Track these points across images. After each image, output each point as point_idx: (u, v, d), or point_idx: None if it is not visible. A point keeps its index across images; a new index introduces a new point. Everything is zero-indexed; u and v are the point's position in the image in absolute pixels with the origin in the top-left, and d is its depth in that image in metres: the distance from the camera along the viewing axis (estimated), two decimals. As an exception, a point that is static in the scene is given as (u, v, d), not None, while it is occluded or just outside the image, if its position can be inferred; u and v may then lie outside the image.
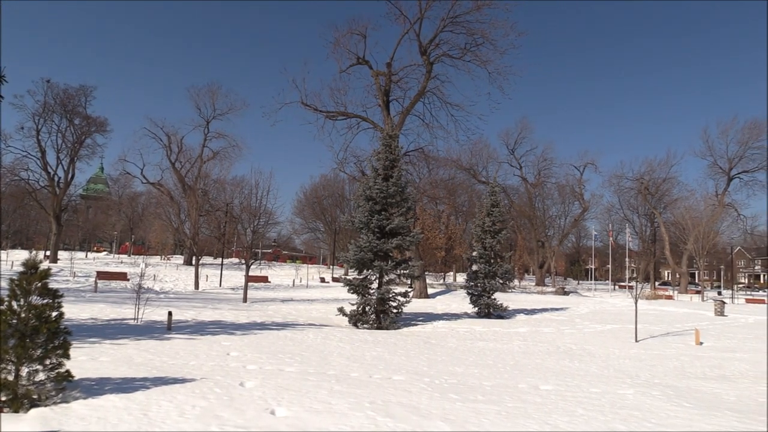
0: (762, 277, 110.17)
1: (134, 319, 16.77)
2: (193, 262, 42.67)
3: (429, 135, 52.11)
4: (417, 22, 36.07)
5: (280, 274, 60.35)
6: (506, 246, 35.38)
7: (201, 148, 68.74)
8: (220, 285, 41.71)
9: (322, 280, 55.37)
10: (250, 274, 31.41)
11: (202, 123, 68.68)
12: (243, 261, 30.93)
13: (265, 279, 47.52)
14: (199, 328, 15.76)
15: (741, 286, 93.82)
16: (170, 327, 15.18)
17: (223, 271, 46.66)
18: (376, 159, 21.81)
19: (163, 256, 79.00)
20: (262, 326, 17.38)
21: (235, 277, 47.35)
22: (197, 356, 10.85)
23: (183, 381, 8.27)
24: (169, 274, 47.85)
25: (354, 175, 43.51)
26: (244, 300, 28.16)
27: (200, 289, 37.54)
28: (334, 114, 38.28)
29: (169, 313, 15.73)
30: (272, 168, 70.28)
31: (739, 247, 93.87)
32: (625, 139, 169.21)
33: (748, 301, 54.94)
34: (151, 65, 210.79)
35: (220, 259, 55.04)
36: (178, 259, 73.73)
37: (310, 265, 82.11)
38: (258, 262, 39.17)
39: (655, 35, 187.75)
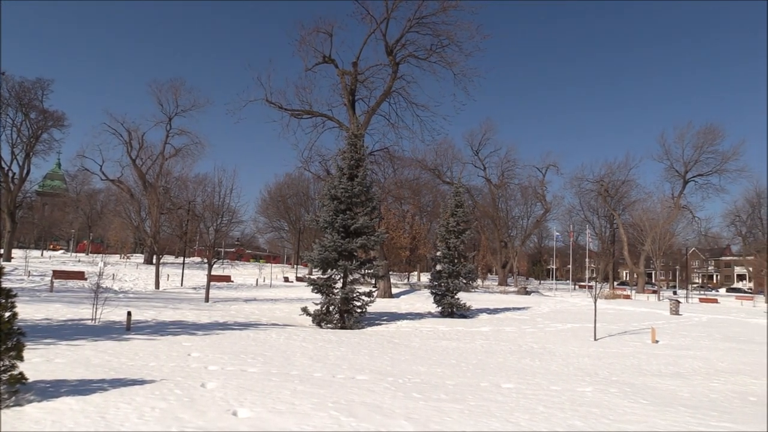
0: (715, 277, 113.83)
1: (92, 319, 16.35)
2: (154, 261, 41.89)
3: (394, 135, 52.27)
4: (383, 22, 36.12)
5: (244, 273, 59.69)
6: (470, 246, 35.77)
7: (163, 145, 67.50)
8: (182, 284, 41.03)
9: (286, 279, 54.97)
10: (213, 273, 31.00)
11: (164, 119, 67.45)
12: (205, 260, 30.56)
13: (227, 278, 46.94)
14: (160, 329, 15.47)
15: (695, 286, 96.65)
16: (129, 327, 14.86)
17: (185, 271, 45.91)
18: (341, 158, 21.76)
19: (122, 255, 77.27)
20: (225, 326, 17.17)
21: (197, 276, 46.64)
22: (157, 357, 10.65)
23: (142, 382, 8.11)
24: (128, 273, 46.82)
25: (319, 174, 43.39)
26: (206, 300, 27.76)
27: (161, 289, 36.84)
28: (299, 112, 38.04)
29: (129, 314, 15.40)
30: (236, 166, 69.52)
31: (693, 248, 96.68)
32: (587, 142, 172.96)
33: (701, 300, 56.72)
34: (112, 60, 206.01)
35: (182, 258, 54.12)
36: (138, 258, 72.21)
37: (273, 265, 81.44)
38: (221, 261, 38.71)
39: (616, 41, 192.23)
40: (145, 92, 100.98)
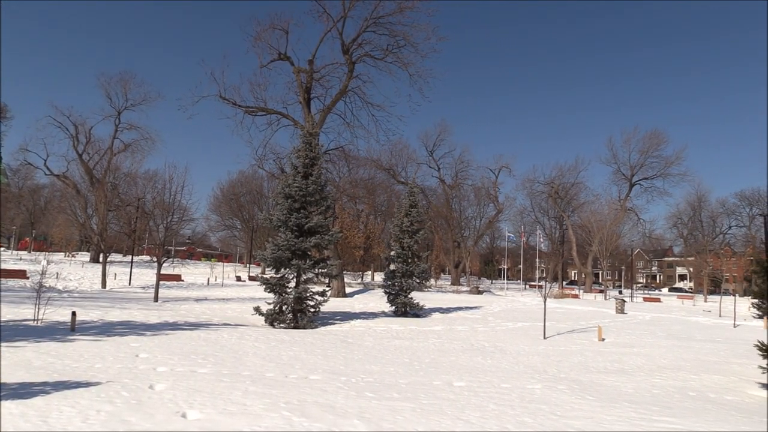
0: (658, 277, 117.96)
1: (34, 320, 15.74)
2: (101, 259, 40.61)
3: (350, 134, 52.46)
4: (340, 21, 36.06)
5: (195, 272, 58.51)
6: (423, 246, 36.02)
7: (111, 140, 65.37)
8: (130, 284, 39.90)
9: (239, 278, 54.17)
10: (163, 272, 30.28)
11: (113, 113, 65.33)
12: (155, 259, 29.76)
13: (178, 277, 45.95)
14: (106, 329, 15.02)
15: (639, 285, 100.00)
16: (74, 328, 14.38)
17: (133, 269, 44.66)
18: (295, 156, 21.59)
19: (67, 253, 74.62)
20: (174, 326, 16.80)
21: (146, 275, 45.47)
22: (103, 359, 10.34)
23: (87, 385, 7.86)
24: (73, 272, 45.23)
25: (273, 172, 42.95)
26: (156, 299, 27.10)
27: (108, 288, 35.74)
28: (254, 109, 37.58)
29: (73, 314, 14.91)
30: (188, 162, 67.88)
31: (638, 249, 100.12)
32: (538, 145, 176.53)
33: (645, 299, 58.76)
34: (58, 52, 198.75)
35: (130, 256, 52.66)
36: (84, 256, 69.84)
37: (225, 264, 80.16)
38: (171, 259, 37.85)
39: (566, 48, 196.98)
40: (93, 85, 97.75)
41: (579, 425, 7.16)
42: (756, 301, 14.25)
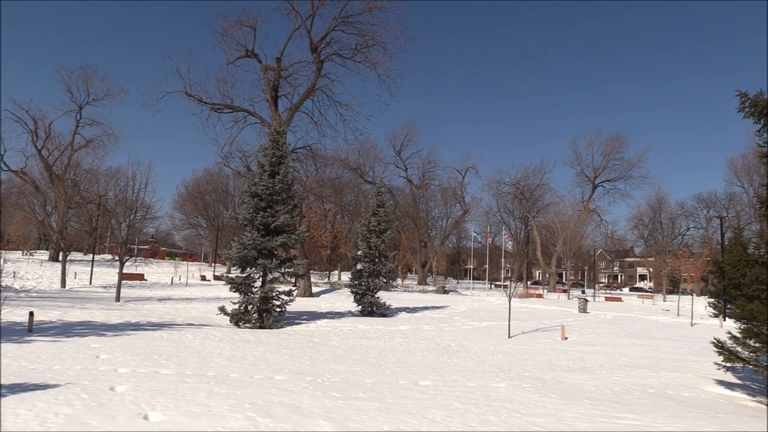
0: (619, 277, 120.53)
1: (-12, 320, 15.26)
2: (60, 258, 39.57)
3: (317, 133, 52.21)
4: (309, 19, 35.84)
5: (158, 271, 57.47)
6: (390, 245, 36.13)
7: (72, 135, 63.63)
8: (91, 283, 38.99)
9: (203, 278, 53.42)
10: (125, 271, 29.70)
11: (74, 108, 63.61)
12: (117, 257, 29.13)
13: (141, 277, 45.07)
14: (66, 330, 14.65)
15: (601, 285, 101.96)
16: (32, 329, 13.99)
17: (95, 268, 43.64)
18: (262, 155, 21.40)
19: (25, 252, 72.51)
20: (137, 327, 16.49)
21: (107, 274, 44.47)
22: (62, 360, 10.09)
23: (45, 387, 7.66)
24: (31, 270, 43.97)
25: (239, 170, 42.47)
26: (117, 299, 26.53)
27: (68, 288, 34.84)
28: (220, 106, 37.09)
29: (31, 314, 14.49)
30: (151, 159, 66.58)
31: (600, 250, 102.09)
32: (504, 146, 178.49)
33: (607, 299, 59.98)
34: (17, 44, 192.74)
35: (91, 255, 51.47)
36: (43, 254, 67.92)
37: (190, 263, 78.98)
38: (133, 258, 37.04)
39: (532, 48, 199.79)
40: (54, 79, 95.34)
41: (542, 423, 7.28)
42: (712, 300, 14.66)
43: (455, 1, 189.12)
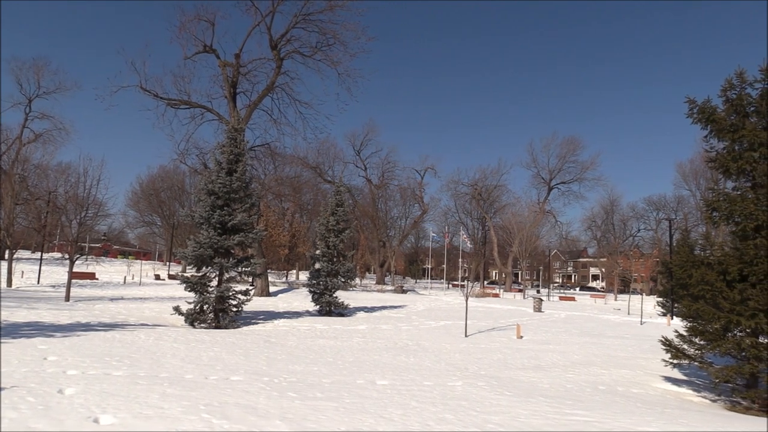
0: (573, 277, 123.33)
1: (-72, 320, 14.60)
2: (6, 256, 38.14)
3: (276, 131, 51.80)
4: (269, 16, 35.55)
5: (110, 270, 56.01)
6: (349, 245, 36.04)
7: (21, 129, 61.38)
8: (39, 282, 37.73)
9: (157, 277, 52.31)
10: (75, 270, 28.82)
11: (24, 101, 61.45)
12: (66, 256, 28.26)
13: (92, 276, 43.86)
14: (11, 331, 14.12)
15: (556, 285, 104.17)
16: (-26, 329, 13.44)
17: (43, 267, 42.21)
18: (220, 152, 21.10)
19: (-33, 249, 69.58)
20: (87, 327, 16.02)
21: (56, 273, 43.10)
22: (7, 362, 9.72)
23: (-12, 390, 7.36)
24: (-26, 269, 42.30)
25: (196, 167, 41.79)
26: (67, 299, 25.74)
27: (14, 287, 33.63)
28: (177, 102, 36.37)
29: (-27, 314, 13.93)
30: (104, 155, 64.45)
31: (555, 250, 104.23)
32: (463, 147, 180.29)
33: (561, 298, 61.33)
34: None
35: (40, 253, 49.78)
36: (-13, 252, 65.40)
37: (144, 261, 77.19)
38: (84, 257, 36.02)
39: (490, 49, 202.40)
40: (3, 70, 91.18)
41: (497, 420, 7.39)
42: (660, 299, 15.15)
43: (413, 2, 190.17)
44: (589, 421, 7.65)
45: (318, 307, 26.39)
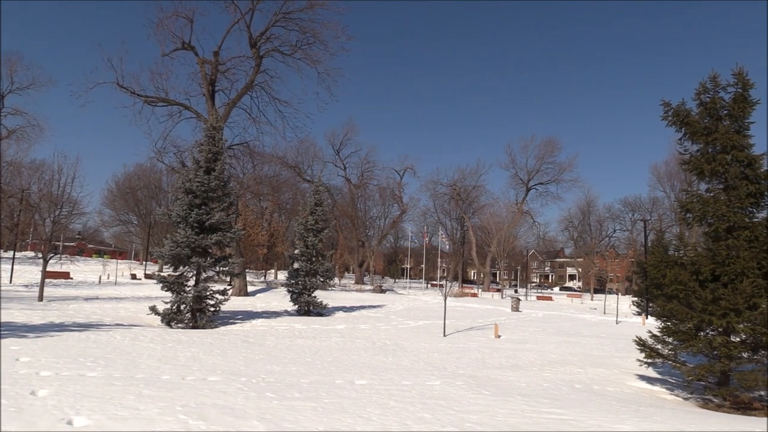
0: (550, 277, 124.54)
1: None
2: (-23, 255, 37.40)
3: (255, 130, 51.46)
4: (248, 14, 35.30)
5: (85, 269, 55.16)
6: (328, 244, 36.01)
7: (-7, 126, 60.23)
8: (11, 281, 36.99)
9: (134, 276, 51.66)
10: (49, 269, 28.35)
11: (-4, 96, 60.21)
12: (40, 255, 27.78)
13: (66, 275, 43.15)
14: (-18, 331, 13.85)
15: (533, 285, 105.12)
16: (-57, 330, 13.15)
17: (15, 266, 41.42)
18: (198, 150, 20.94)
19: (-64, 248, 68.04)
20: (61, 327, 15.77)
21: (29, 272, 42.33)
22: (-22, 363, 9.53)
23: (-42, 392, 7.21)
24: (-57, 268, 41.36)
25: (173, 165, 41.29)
26: (40, 298, 25.29)
27: (-16, 286, 32.96)
28: (154, 99, 35.91)
29: (-57, 314, 13.64)
30: (79, 153, 63.38)
31: (533, 250, 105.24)
32: (442, 148, 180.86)
33: (538, 298, 61.89)
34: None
35: (12, 252, 48.82)
36: (-43, 251, 64.01)
37: (120, 261, 76.13)
38: (58, 256, 35.44)
39: (468, 50, 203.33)
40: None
41: (475, 419, 7.44)
42: (635, 299, 15.38)
43: (392, 3, 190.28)
44: (565, 419, 7.74)
45: (296, 306, 26.30)
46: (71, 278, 42.89)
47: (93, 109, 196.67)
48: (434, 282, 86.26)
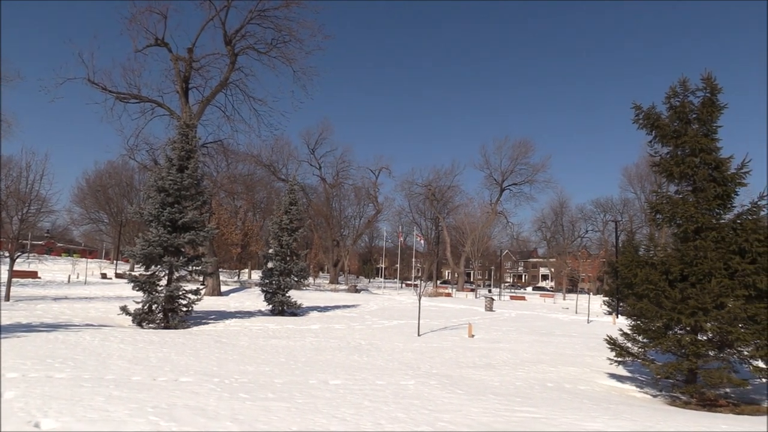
0: (523, 277, 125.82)
1: None
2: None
3: (229, 128, 50.87)
4: (223, 10, 34.94)
5: (54, 269, 54.06)
6: (302, 244, 35.88)
7: (-43, 121, 58.69)
8: (-25, 281, 36.09)
9: (104, 276, 50.78)
10: (16, 268, 27.70)
11: (-41, 91, 58.69)
12: (7, 254, 27.14)
13: (34, 274, 42.24)
14: (-55, 332, 13.49)
15: (507, 284, 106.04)
16: None
17: (-20, 265, 40.45)
18: (171, 148, 20.67)
19: None
20: (29, 328, 15.43)
21: (-5, 271, 41.32)
22: (-59, 364, 9.27)
23: None
24: None
25: (146, 163, 40.67)
26: (7, 298, 24.70)
27: (-52, 286, 32.08)
28: (126, 96, 35.32)
29: None
30: (48, 149, 61.94)
31: (506, 251, 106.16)
32: (417, 148, 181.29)
33: (512, 297, 62.48)
34: None
35: (-24, 250, 47.65)
36: None
37: (90, 260, 74.75)
38: (26, 255, 34.66)
39: (442, 53, 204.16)
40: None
41: (448, 418, 7.48)
42: (606, 299, 15.62)
43: (365, 2, 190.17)
44: (537, 417, 7.83)
45: (270, 306, 26.14)
46: (39, 278, 41.99)
47: (63, 104, 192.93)
48: (409, 282, 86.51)
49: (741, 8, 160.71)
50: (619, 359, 12.11)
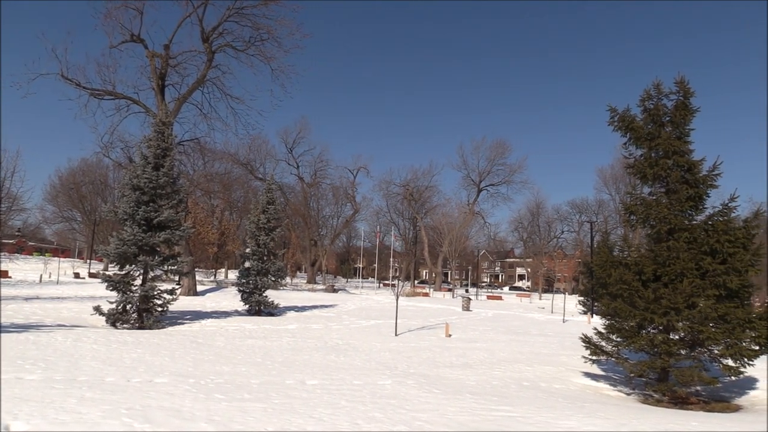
0: (500, 276, 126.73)
1: None
2: None
3: (206, 126, 50.22)
4: (201, 7, 34.55)
5: (25, 268, 53.09)
6: (280, 243, 35.63)
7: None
8: (-57, 280, 35.28)
9: (77, 275, 49.99)
10: (-15, 267, 27.14)
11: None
12: (-25, 252, 26.58)
13: (4, 274, 41.40)
14: None
15: (484, 284, 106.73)
16: None
17: (-52, 264, 39.56)
18: (146, 146, 20.41)
19: None
20: (-2, 328, 15.12)
21: (-37, 271, 40.42)
22: None
23: None
24: None
25: (120, 161, 40.11)
26: (-25, 298, 24.21)
27: None
28: (101, 92, 34.74)
29: None
30: (20, 146, 60.58)
31: (483, 251, 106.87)
32: (395, 148, 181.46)
33: (489, 297, 62.81)
34: None
35: (-56, 249, 46.60)
36: None
37: (62, 259, 73.50)
38: (-5, 254, 33.94)
39: (420, 53, 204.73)
40: None
41: (425, 417, 7.50)
42: (582, 298, 15.84)
43: (342, 1, 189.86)
44: (513, 416, 7.89)
45: (247, 306, 25.97)
46: (10, 277, 41.19)
47: (35, 100, 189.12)
48: (386, 281, 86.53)
49: (713, 11, 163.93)
50: (594, 357, 12.27)
